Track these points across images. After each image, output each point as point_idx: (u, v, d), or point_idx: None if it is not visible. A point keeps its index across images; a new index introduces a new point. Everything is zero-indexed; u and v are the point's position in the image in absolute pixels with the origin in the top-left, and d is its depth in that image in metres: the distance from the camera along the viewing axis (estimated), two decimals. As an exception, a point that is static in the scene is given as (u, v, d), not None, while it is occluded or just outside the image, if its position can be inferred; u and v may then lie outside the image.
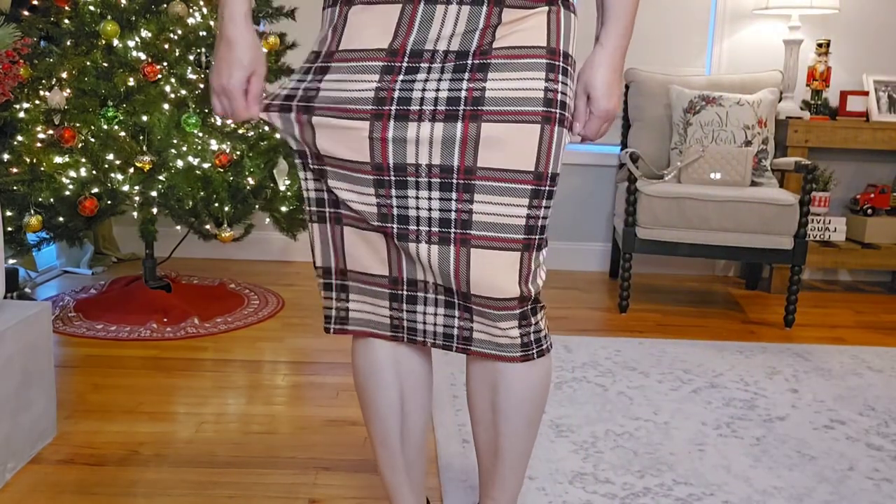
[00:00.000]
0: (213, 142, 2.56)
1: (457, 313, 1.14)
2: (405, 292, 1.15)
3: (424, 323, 1.16)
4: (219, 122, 2.63)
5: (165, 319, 2.66)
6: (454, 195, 1.08)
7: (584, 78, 1.15)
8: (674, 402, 2.18)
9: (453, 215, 1.08)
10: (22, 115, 2.38)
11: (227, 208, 2.64)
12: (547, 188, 1.10)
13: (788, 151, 3.37)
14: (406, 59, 1.06)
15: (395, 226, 1.10)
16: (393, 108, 1.06)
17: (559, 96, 1.09)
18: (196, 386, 2.18)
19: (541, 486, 1.67)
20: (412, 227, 1.10)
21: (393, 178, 1.08)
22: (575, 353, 2.55)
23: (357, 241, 1.16)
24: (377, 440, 1.31)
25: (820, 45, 3.44)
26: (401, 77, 1.06)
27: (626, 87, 3.47)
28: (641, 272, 3.79)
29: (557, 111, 1.09)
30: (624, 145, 3.57)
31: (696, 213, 2.91)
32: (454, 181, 1.07)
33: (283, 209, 2.88)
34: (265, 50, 2.91)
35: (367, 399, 1.28)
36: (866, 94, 3.47)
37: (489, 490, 1.30)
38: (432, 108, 1.06)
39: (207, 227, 2.72)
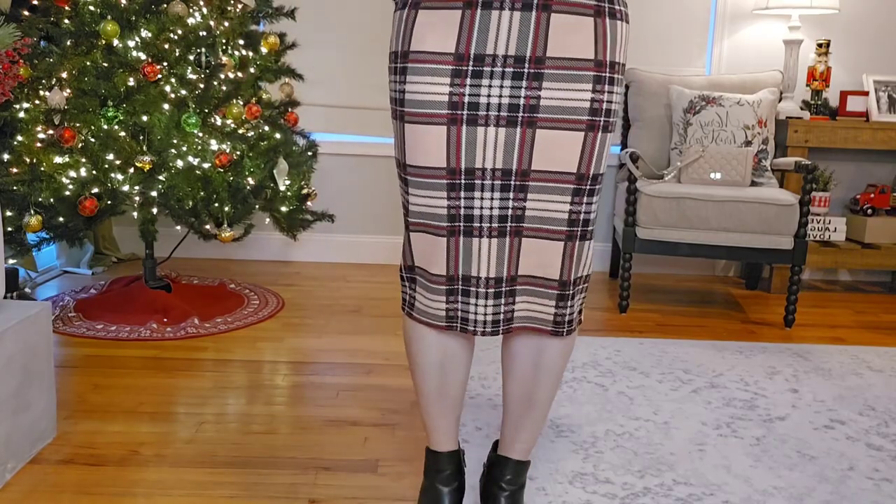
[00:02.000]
0: (213, 142, 2.56)
1: (503, 300, 1.29)
2: (460, 287, 1.29)
3: (475, 314, 1.30)
4: (219, 122, 2.63)
5: (165, 319, 2.66)
6: (511, 195, 1.23)
7: None
8: (674, 402, 2.18)
9: (510, 212, 1.24)
10: (22, 115, 2.38)
11: (227, 208, 2.64)
12: (588, 187, 1.24)
13: (788, 151, 3.37)
14: (471, 63, 1.18)
15: (461, 224, 1.25)
16: (465, 112, 1.19)
17: (604, 105, 1.21)
18: (196, 386, 2.18)
19: (541, 486, 1.67)
20: (475, 225, 1.25)
21: (463, 181, 1.23)
22: (575, 352, 2.55)
23: (425, 244, 1.30)
24: (419, 390, 1.47)
25: (820, 45, 3.44)
26: (468, 81, 1.18)
27: (627, 86, 3.47)
28: (641, 272, 3.79)
29: (602, 119, 1.22)
30: (624, 145, 3.57)
31: (696, 213, 2.91)
32: (512, 183, 1.23)
33: (283, 209, 2.88)
34: (265, 50, 2.91)
35: (412, 360, 1.45)
36: (866, 94, 3.46)
37: (517, 435, 1.47)
38: (496, 113, 1.19)
39: (207, 227, 2.72)
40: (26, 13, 2.51)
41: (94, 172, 2.41)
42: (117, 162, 2.43)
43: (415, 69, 1.20)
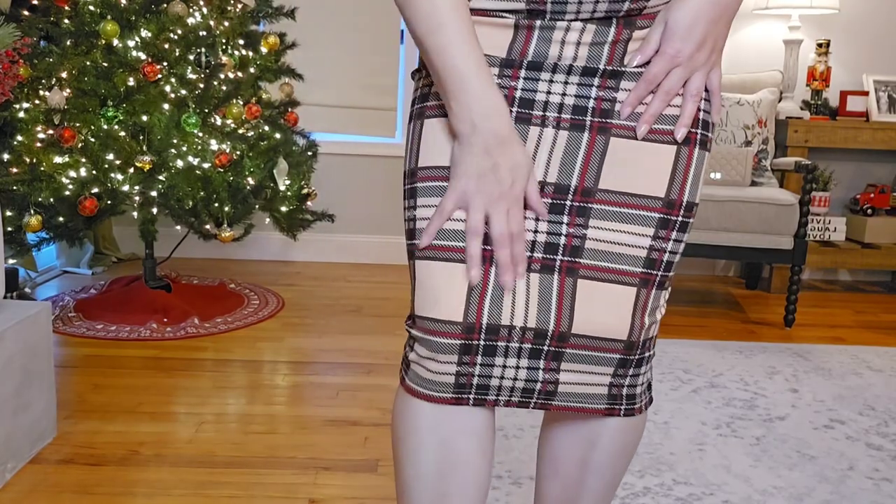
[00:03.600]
0: (213, 142, 2.56)
1: (542, 363, 0.93)
2: (482, 342, 0.91)
3: (501, 378, 0.93)
4: (219, 122, 2.63)
5: (165, 319, 2.66)
6: (566, 218, 0.90)
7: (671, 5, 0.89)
8: (674, 401, 2.18)
9: (563, 240, 0.90)
10: (22, 115, 2.38)
11: (227, 208, 2.64)
12: (679, 219, 0.92)
13: (788, 151, 3.37)
14: (524, 69, 0.89)
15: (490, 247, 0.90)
16: (514, 109, 0.89)
17: (701, 115, 0.92)
18: (196, 386, 2.18)
19: (541, 485, 1.67)
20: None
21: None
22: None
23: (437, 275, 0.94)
24: None
25: (820, 45, 3.44)
26: (522, 74, 0.89)
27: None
28: (641, 272, 3.79)
29: (699, 131, 0.92)
30: (624, 145, 3.57)
31: (696, 213, 2.91)
32: (568, 203, 0.90)
33: (283, 209, 2.88)
34: (265, 50, 2.91)
35: (396, 455, 1.02)
36: (866, 94, 3.46)
37: None
38: (556, 114, 0.89)
39: (207, 227, 2.72)
40: (26, 13, 2.51)
41: (94, 172, 2.41)
42: (117, 162, 2.43)
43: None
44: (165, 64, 2.51)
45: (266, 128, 2.81)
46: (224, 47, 2.74)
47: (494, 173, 0.85)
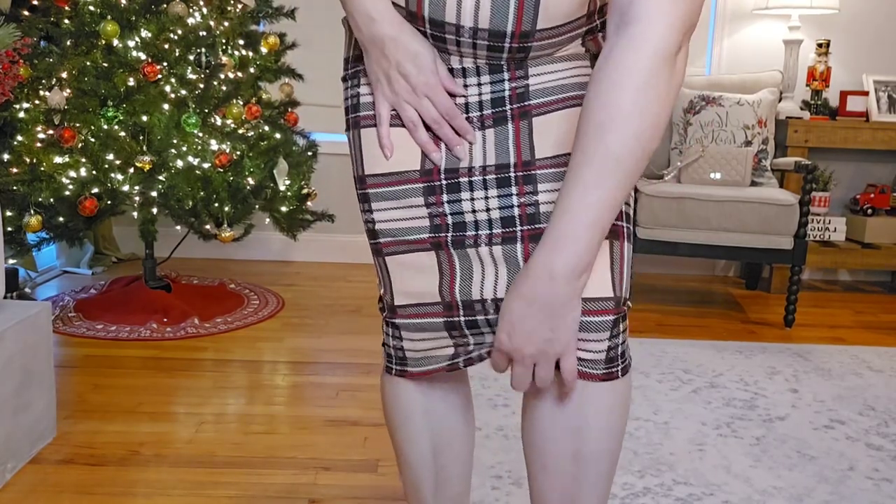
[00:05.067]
0: (213, 142, 2.56)
1: None
2: (462, 318, 0.96)
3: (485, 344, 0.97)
4: (219, 122, 2.63)
5: (165, 319, 2.66)
6: (514, 189, 0.92)
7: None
8: (674, 402, 2.18)
9: (516, 211, 0.91)
10: (22, 115, 2.38)
11: (227, 208, 2.64)
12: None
13: (788, 151, 3.37)
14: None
15: (449, 235, 0.94)
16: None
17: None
18: (196, 386, 2.18)
19: (541, 486, 1.67)
20: (469, 233, 0.93)
21: (444, 181, 0.94)
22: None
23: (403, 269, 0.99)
24: (408, 488, 1.15)
25: (820, 45, 3.44)
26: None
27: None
28: (641, 272, 3.79)
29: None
30: (624, 145, 3.57)
31: (696, 213, 2.91)
32: (512, 175, 0.92)
33: (283, 209, 2.88)
34: (265, 50, 2.91)
35: (396, 446, 1.13)
36: (866, 94, 3.46)
37: None
38: (478, 113, 0.93)
39: (207, 227, 2.72)
40: (26, 13, 2.51)
41: (94, 172, 2.41)
42: (117, 162, 2.44)
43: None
44: (165, 64, 2.51)
45: (266, 128, 2.81)
46: (224, 47, 2.74)
47: (399, 70, 0.90)
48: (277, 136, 2.83)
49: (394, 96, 0.92)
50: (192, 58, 2.58)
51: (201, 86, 2.56)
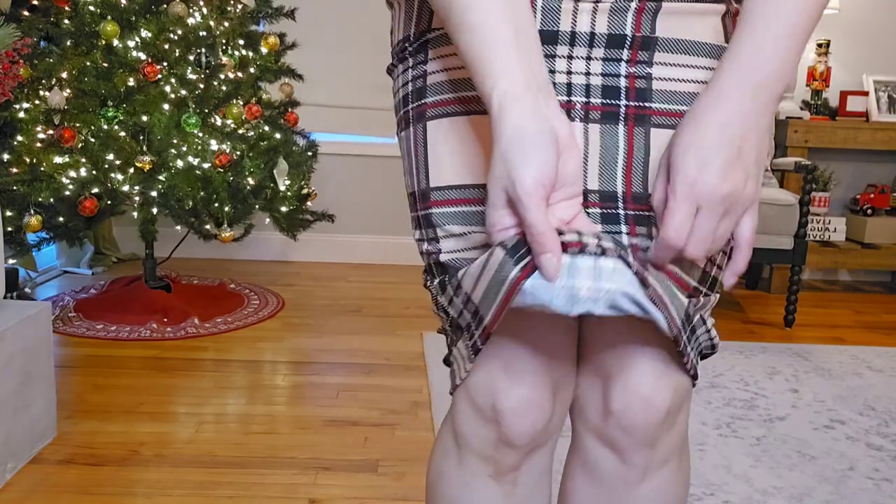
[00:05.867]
0: (213, 142, 2.56)
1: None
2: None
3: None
4: (219, 123, 2.63)
5: (165, 319, 2.66)
6: (624, 227, 0.71)
7: (673, 140, 0.65)
8: (674, 402, 2.18)
9: (625, 240, 0.71)
10: (22, 115, 2.38)
11: (227, 208, 2.64)
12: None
13: (788, 151, 3.37)
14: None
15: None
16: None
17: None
18: (196, 386, 2.18)
19: (541, 486, 1.67)
20: None
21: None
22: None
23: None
24: None
25: (820, 45, 3.44)
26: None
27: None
28: (641, 272, 3.79)
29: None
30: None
31: (696, 213, 2.91)
32: (621, 213, 0.70)
33: (283, 209, 2.88)
34: (265, 50, 2.91)
35: None
36: (866, 94, 3.46)
37: None
38: (583, 98, 0.70)
39: (207, 227, 2.72)
40: (26, 13, 2.51)
41: (94, 172, 2.41)
42: (117, 162, 2.44)
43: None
44: (165, 64, 2.51)
45: (266, 128, 2.81)
46: (224, 47, 2.74)
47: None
48: (277, 136, 2.83)
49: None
50: (192, 58, 2.58)
51: (201, 86, 2.56)
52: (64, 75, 2.43)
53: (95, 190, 2.42)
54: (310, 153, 3.09)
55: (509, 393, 0.76)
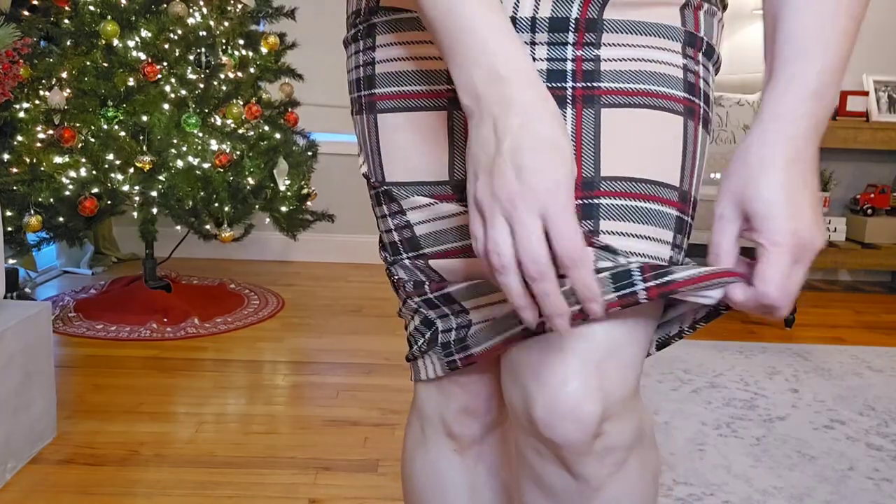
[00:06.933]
0: (213, 142, 2.56)
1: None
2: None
3: None
4: (219, 122, 2.63)
5: (165, 319, 2.66)
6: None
7: (736, 184, 0.63)
8: (674, 402, 2.18)
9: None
10: (22, 115, 2.38)
11: (227, 208, 2.64)
12: (689, 220, 0.71)
13: (788, 151, 3.37)
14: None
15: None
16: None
17: (701, 83, 0.69)
18: (196, 386, 2.18)
19: (541, 486, 1.67)
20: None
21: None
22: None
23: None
24: None
25: (820, 45, 3.44)
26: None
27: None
28: (641, 272, 3.79)
29: (702, 104, 0.69)
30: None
31: (696, 214, 2.91)
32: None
33: (283, 209, 2.88)
34: (265, 50, 2.91)
35: None
36: (866, 94, 3.47)
37: None
38: None
39: (207, 227, 2.73)
40: (26, 13, 2.51)
41: (94, 172, 2.41)
42: (117, 162, 2.44)
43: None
44: (165, 64, 2.51)
45: (266, 128, 2.81)
46: (224, 47, 2.74)
47: (514, 161, 0.56)
48: (277, 136, 2.83)
49: (490, 202, 0.56)
50: (192, 58, 2.58)
51: (201, 86, 2.56)
52: (64, 75, 2.43)
53: (95, 190, 2.42)
54: (310, 153, 3.09)
55: (469, 369, 0.81)
